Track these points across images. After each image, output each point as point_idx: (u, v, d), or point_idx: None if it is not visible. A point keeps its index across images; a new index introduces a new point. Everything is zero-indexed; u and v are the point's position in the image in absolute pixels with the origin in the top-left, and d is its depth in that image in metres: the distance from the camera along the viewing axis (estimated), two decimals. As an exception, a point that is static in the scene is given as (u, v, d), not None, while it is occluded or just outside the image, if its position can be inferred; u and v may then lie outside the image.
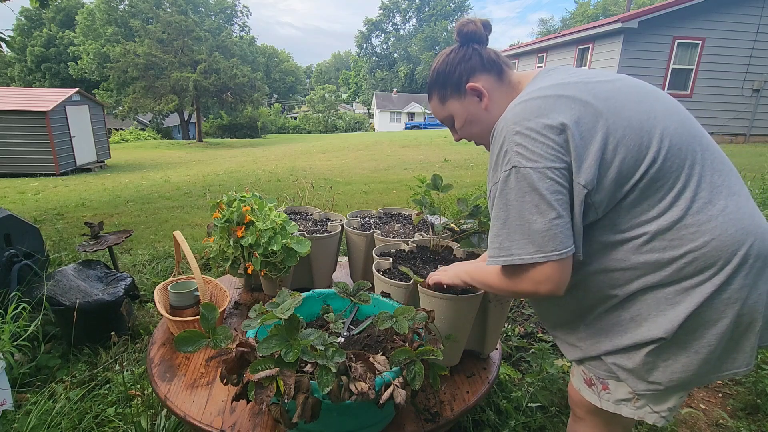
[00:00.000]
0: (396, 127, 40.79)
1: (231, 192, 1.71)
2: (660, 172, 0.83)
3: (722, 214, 0.83)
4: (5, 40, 5.38)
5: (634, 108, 0.86)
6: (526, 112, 0.86)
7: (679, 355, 0.87)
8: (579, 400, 1.07)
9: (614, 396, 0.97)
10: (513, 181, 0.83)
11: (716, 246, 0.81)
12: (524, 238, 0.83)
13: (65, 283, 2.28)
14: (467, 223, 1.58)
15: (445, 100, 1.06)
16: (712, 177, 0.85)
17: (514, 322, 2.50)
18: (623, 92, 0.89)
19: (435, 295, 1.19)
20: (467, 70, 1.01)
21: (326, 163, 11.24)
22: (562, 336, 1.04)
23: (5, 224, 2.36)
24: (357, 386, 0.87)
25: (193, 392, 1.19)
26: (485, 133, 1.04)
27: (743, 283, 0.82)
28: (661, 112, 0.88)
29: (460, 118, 1.06)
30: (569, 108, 0.84)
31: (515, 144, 0.84)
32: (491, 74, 1.01)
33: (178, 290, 1.50)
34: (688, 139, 0.87)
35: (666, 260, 0.83)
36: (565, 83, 0.90)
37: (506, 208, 0.85)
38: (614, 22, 10.05)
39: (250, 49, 33.06)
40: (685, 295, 0.84)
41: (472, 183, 6.79)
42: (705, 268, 0.82)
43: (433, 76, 1.07)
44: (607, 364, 0.94)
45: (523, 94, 0.93)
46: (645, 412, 0.95)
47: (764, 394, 1.85)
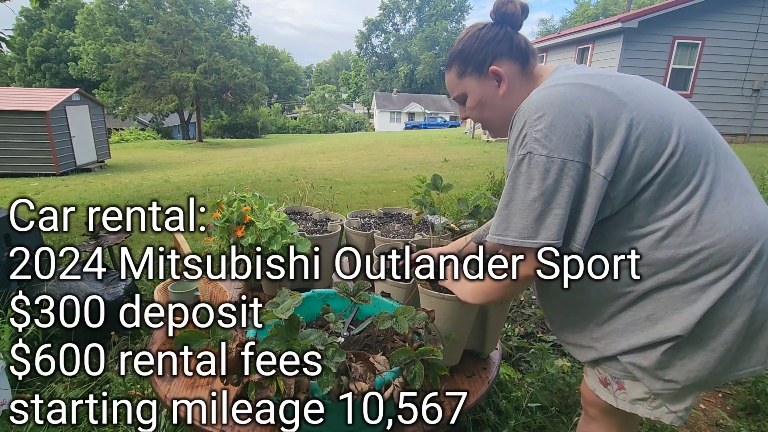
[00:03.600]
0: (396, 127, 40.78)
1: (231, 192, 1.71)
2: (677, 167, 0.83)
3: (737, 211, 0.83)
4: (5, 40, 5.38)
5: (654, 103, 0.87)
6: (551, 97, 0.85)
7: (696, 353, 0.87)
8: (593, 400, 1.06)
9: (630, 395, 0.97)
10: (525, 166, 0.84)
11: (731, 243, 0.82)
12: (521, 222, 0.85)
13: (65, 283, 2.28)
14: (467, 223, 1.58)
15: (464, 75, 1.03)
16: (726, 174, 0.86)
17: (514, 322, 2.49)
18: (644, 88, 0.90)
19: (435, 295, 1.19)
20: (494, 52, 0.98)
21: (326, 163, 11.24)
22: (572, 339, 1.03)
23: (5, 224, 2.36)
24: (357, 386, 0.87)
25: (193, 392, 1.19)
26: (495, 118, 1.04)
27: (758, 280, 0.82)
28: (678, 108, 0.89)
29: (473, 97, 1.04)
30: (594, 98, 0.84)
31: (535, 130, 0.83)
32: (516, 62, 0.99)
33: (178, 290, 1.50)
34: (703, 136, 0.88)
35: (681, 256, 0.84)
36: (590, 74, 0.90)
37: (512, 190, 0.87)
38: (614, 22, 10.06)
39: (250, 49, 33.09)
40: (701, 293, 0.84)
41: (472, 183, 6.78)
42: (720, 265, 0.82)
43: (458, 48, 1.03)
44: (622, 363, 0.94)
45: (547, 81, 0.92)
46: (662, 412, 0.94)
47: (764, 394, 1.84)
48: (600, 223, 0.88)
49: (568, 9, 74.62)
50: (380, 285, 1.34)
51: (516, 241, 0.86)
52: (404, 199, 5.95)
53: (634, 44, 10.08)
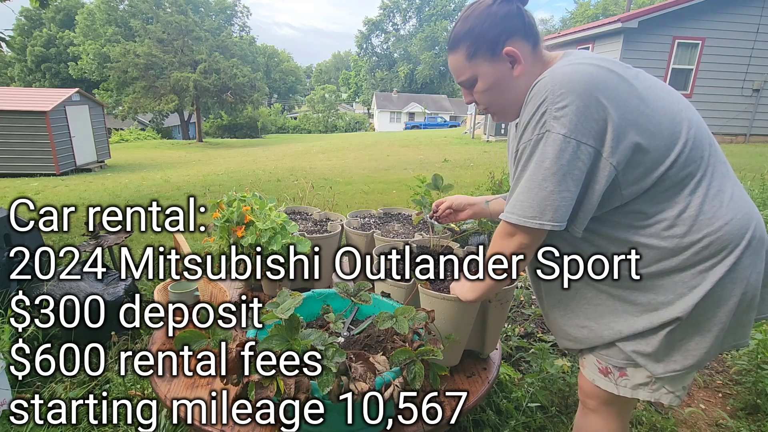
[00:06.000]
0: (396, 127, 40.79)
1: (231, 192, 1.71)
2: (687, 161, 0.86)
3: (732, 201, 0.88)
4: (5, 40, 5.39)
5: (667, 98, 0.89)
6: (579, 75, 0.82)
7: (694, 335, 0.90)
8: (591, 391, 1.07)
9: (632, 381, 0.98)
10: (542, 145, 0.84)
11: (729, 230, 0.86)
12: (529, 200, 0.86)
13: (65, 283, 2.28)
14: (467, 223, 1.58)
15: (474, 57, 0.94)
16: (720, 167, 0.91)
17: (514, 322, 2.49)
18: (656, 83, 0.91)
19: (435, 295, 1.18)
20: (507, 31, 0.91)
21: (326, 163, 11.24)
22: (565, 320, 1.03)
23: (5, 224, 2.36)
24: (357, 386, 0.87)
25: (193, 392, 1.19)
26: (508, 103, 0.98)
27: (748, 262, 0.87)
28: (683, 104, 0.92)
29: (485, 81, 0.96)
30: (619, 86, 0.84)
31: (555, 107, 0.82)
32: (529, 42, 0.93)
33: (178, 290, 1.50)
34: (704, 131, 0.91)
35: (685, 245, 0.87)
36: (614, 62, 0.89)
37: (525, 168, 0.87)
38: (614, 22, 10.06)
39: (250, 49, 33.11)
40: (701, 278, 0.87)
41: (472, 183, 6.78)
42: (719, 251, 0.86)
43: (465, 27, 0.94)
44: (625, 352, 0.95)
45: (572, 59, 0.89)
46: (661, 393, 0.97)
47: (764, 394, 1.84)
48: (609, 212, 0.90)
49: (568, 9, 74.66)
50: (380, 285, 1.34)
51: (519, 219, 0.87)
52: (404, 199, 5.95)
53: (634, 44, 10.09)
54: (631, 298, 0.92)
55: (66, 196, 7.42)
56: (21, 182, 9.77)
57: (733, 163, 0.97)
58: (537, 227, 0.86)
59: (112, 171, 12.20)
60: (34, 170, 11.19)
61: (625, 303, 0.93)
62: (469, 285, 1.10)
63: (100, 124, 13.60)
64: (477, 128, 17.02)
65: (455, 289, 1.17)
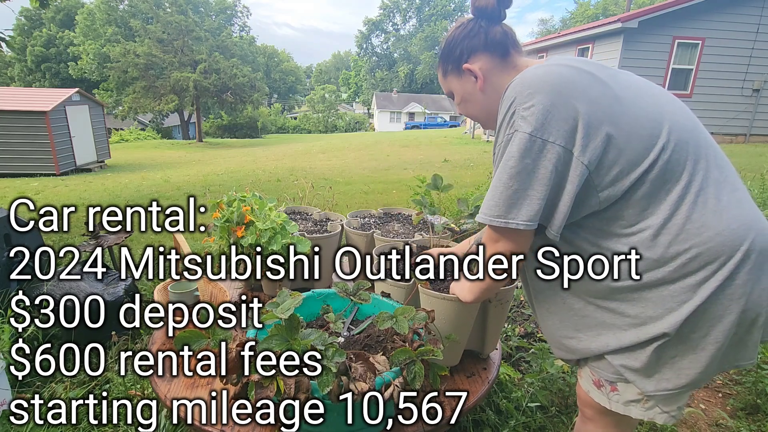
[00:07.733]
0: (396, 127, 40.78)
1: (231, 192, 1.71)
2: (668, 164, 0.83)
3: (726, 210, 0.83)
4: (5, 40, 5.39)
5: (647, 100, 0.87)
6: (546, 76, 0.84)
7: (687, 353, 0.86)
8: (588, 401, 1.06)
9: (623, 397, 0.96)
10: (511, 145, 0.84)
11: (720, 242, 0.81)
12: (494, 199, 0.86)
13: (65, 283, 2.28)
14: (467, 223, 1.58)
15: (446, 74, 1.06)
16: (715, 172, 0.86)
17: (514, 322, 2.49)
18: (639, 84, 0.90)
19: (435, 295, 1.19)
20: (468, 49, 0.99)
21: (326, 163, 11.24)
22: (555, 330, 1.03)
23: (5, 224, 2.36)
24: (357, 386, 0.87)
25: (193, 392, 1.19)
26: (481, 114, 1.06)
27: (747, 278, 0.81)
28: (670, 106, 0.89)
29: (458, 95, 1.07)
30: (590, 85, 0.84)
31: (523, 107, 0.83)
32: (494, 55, 0.99)
33: (178, 290, 1.50)
34: (694, 134, 0.88)
35: (671, 255, 0.83)
36: (588, 62, 0.89)
37: (496, 169, 0.88)
38: (614, 22, 10.05)
39: (250, 49, 33.09)
40: (691, 292, 0.83)
41: (472, 183, 6.78)
42: (708, 264, 0.82)
43: (441, 47, 1.06)
44: (614, 366, 0.93)
45: (544, 62, 0.92)
46: (655, 412, 0.94)
47: (764, 394, 1.84)
48: (590, 218, 0.87)
49: (568, 9, 74.64)
50: (380, 285, 1.34)
51: (486, 219, 0.87)
52: (404, 199, 5.95)
53: (634, 44, 10.08)
54: (620, 310, 0.89)
55: (66, 196, 7.42)
56: (21, 182, 9.76)
57: (732, 163, 0.93)
58: (503, 226, 0.85)
59: (112, 171, 12.20)
60: (34, 170, 11.20)
61: (614, 315, 0.90)
62: (468, 285, 1.10)
63: (100, 124, 13.61)
64: (477, 128, 17.02)
65: (455, 289, 1.16)
